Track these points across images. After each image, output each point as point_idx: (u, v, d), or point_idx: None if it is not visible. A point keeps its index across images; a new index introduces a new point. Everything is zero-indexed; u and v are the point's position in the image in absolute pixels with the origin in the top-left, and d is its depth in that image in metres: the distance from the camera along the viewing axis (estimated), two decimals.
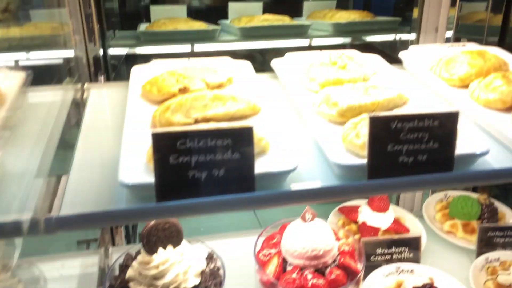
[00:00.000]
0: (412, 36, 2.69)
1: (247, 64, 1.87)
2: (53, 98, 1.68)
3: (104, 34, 2.29)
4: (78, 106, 1.70)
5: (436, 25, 2.40)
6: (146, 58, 3.15)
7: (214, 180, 1.17)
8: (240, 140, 1.16)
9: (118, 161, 1.23)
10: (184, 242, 1.55)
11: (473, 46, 2.08)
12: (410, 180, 1.27)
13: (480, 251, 2.05)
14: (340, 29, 2.82)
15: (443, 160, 1.27)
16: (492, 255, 2.03)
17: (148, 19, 3.05)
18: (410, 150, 1.24)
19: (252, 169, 1.18)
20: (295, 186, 1.23)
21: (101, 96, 1.75)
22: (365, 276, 1.93)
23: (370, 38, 3.10)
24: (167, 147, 1.13)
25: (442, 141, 1.25)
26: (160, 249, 1.43)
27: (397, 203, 2.64)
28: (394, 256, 1.98)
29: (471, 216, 2.19)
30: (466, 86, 1.73)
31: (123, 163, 1.22)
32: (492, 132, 1.48)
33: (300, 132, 1.51)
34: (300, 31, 2.79)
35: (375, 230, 2.06)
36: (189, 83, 1.64)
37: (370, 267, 1.95)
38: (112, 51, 2.62)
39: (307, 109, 1.56)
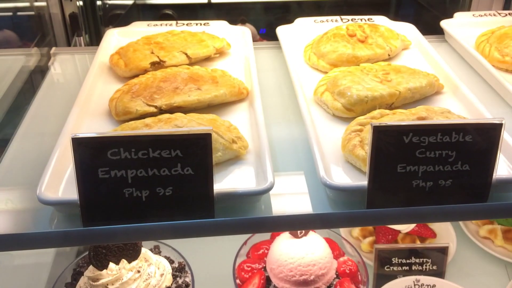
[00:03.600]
0: None
1: (246, 32, 1.53)
2: (12, 63, 1.42)
3: None
4: (39, 76, 1.44)
5: None
6: (153, 10, 2.86)
7: (158, 200, 0.89)
8: (194, 151, 0.87)
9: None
10: (147, 252, 1.30)
11: None
12: (426, 211, 0.94)
13: None
14: None
15: (474, 188, 0.93)
16: None
17: None
18: (429, 172, 0.91)
19: (210, 188, 0.89)
20: (264, 211, 0.94)
21: (67, 65, 1.47)
22: (377, 287, 1.64)
23: None
24: (94, 157, 0.85)
25: (476, 162, 0.91)
26: (112, 265, 1.19)
27: None
28: (414, 268, 1.67)
29: None
30: None
31: (49, 169, 0.95)
32: None
33: (297, 127, 1.19)
34: None
35: (394, 233, 1.74)
36: (166, 56, 1.33)
37: (384, 277, 1.66)
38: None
39: (307, 98, 1.23)
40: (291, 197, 1.00)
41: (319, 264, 1.22)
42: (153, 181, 0.87)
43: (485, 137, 0.89)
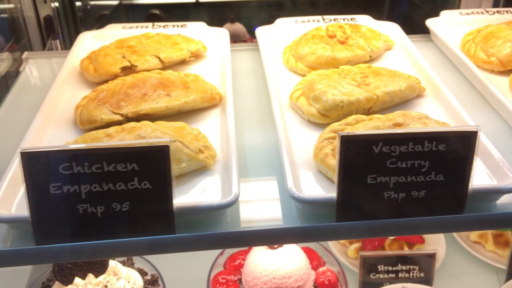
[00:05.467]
0: None
1: (224, 34, 1.47)
2: None
3: None
4: (11, 82, 1.39)
5: None
6: (140, 10, 2.81)
7: (115, 216, 0.84)
8: (151, 164, 0.82)
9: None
10: (117, 265, 1.26)
11: None
12: (399, 224, 0.90)
13: (511, 272, 1.66)
14: None
15: (449, 199, 0.88)
16: None
17: None
18: (401, 183, 0.86)
19: (169, 202, 0.84)
20: (231, 224, 0.89)
21: (39, 70, 1.43)
22: None
23: None
24: (45, 172, 0.81)
25: (451, 172, 0.86)
26: (77, 280, 1.15)
27: None
28: (401, 275, 1.62)
29: None
30: (510, 72, 1.29)
31: (4, 184, 0.91)
32: None
33: (273, 133, 1.13)
34: None
35: (381, 239, 1.69)
36: (138, 60, 1.28)
37: (369, 285, 1.61)
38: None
39: (283, 102, 1.18)
40: (261, 207, 0.95)
41: (295, 276, 1.17)
42: (108, 196, 0.83)
43: (459, 145, 0.84)
